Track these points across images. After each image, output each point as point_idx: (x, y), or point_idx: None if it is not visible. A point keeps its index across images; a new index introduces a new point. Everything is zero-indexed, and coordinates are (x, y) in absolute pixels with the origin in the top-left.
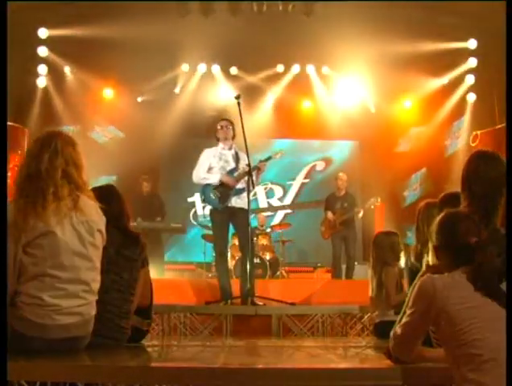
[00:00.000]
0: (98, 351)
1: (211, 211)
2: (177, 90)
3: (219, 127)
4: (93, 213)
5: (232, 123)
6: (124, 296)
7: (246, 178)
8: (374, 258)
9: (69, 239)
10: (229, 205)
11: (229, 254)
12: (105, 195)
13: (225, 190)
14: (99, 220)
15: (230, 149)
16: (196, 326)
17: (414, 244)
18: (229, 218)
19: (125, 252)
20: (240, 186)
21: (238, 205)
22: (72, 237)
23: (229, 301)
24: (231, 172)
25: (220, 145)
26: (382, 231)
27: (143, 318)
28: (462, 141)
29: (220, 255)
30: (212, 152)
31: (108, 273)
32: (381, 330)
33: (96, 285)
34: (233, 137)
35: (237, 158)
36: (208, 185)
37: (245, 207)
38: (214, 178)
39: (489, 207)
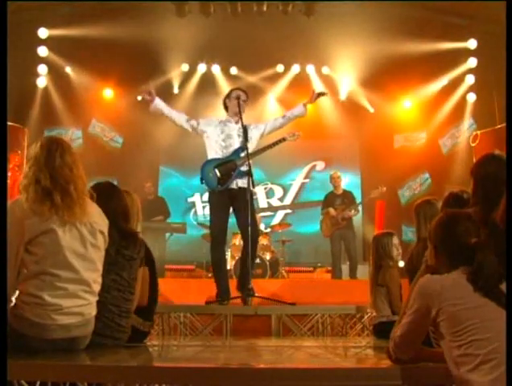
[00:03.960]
0: (98, 351)
1: (210, 193)
2: (176, 90)
3: (234, 96)
4: (96, 215)
5: (248, 97)
6: (124, 295)
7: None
8: (372, 260)
9: (70, 239)
10: (231, 187)
11: (228, 254)
12: (103, 192)
13: (227, 169)
14: (101, 222)
15: (237, 123)
16: (196, 326)
17: (414, 243)
18: (230, 201)
19: (125, 251)
20: (245, 167)
21: (244, 185)
22: (73, 237)
23: (229, 301)
24: (236, 152)
25: (226, 118)
26: (380, 232)
27: (144, 318)
28: (462, 141)
29: (217, 242)
30: (214, 122)
31: (108, 273)
32: (381, 330)
33: (96, 287)
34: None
35: (244, 134)
36: (208, 163)
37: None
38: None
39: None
